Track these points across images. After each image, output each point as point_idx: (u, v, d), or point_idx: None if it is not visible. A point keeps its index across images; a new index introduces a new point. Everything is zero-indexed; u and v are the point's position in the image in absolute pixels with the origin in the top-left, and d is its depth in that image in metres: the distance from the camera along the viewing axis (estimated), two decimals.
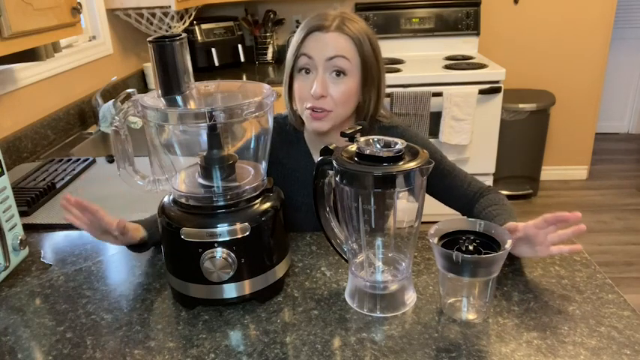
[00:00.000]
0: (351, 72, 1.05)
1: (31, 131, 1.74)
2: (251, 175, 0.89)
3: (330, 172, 0.85)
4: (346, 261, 0.91)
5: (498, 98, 2.65)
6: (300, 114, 1.12)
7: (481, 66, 2.71)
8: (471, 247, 0.80)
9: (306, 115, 1.08)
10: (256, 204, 0.85)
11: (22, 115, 1.74)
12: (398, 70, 2.71)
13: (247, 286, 0.84)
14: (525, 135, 3.03)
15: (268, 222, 0.84)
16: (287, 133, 1.19)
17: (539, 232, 0.86)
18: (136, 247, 0.98)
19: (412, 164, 0.75)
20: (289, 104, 1.14)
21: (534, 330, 0.78)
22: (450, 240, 0.82)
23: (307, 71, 1.05)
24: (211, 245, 0.80)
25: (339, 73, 1.04)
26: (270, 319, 0.83)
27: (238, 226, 0.81)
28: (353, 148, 0.81)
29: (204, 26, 2.91)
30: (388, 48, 3.02)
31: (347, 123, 1.11)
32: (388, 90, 1.04)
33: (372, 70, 1.07)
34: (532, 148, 3.12)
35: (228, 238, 0.81)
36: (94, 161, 1.58)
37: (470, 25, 3.07)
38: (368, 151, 0.78)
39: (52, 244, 1.11)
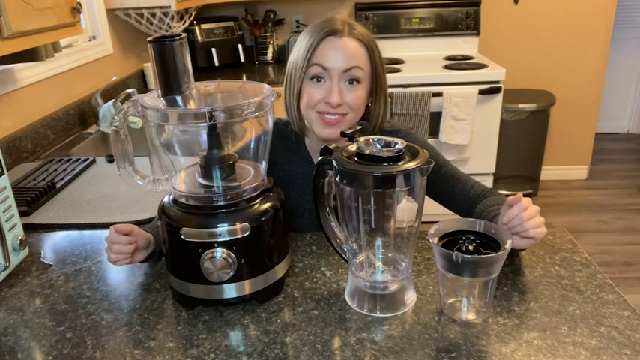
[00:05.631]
0: (364, 80, 1.05)
1: (31, 131, 1.74)
2: (251, 175, 0.89)
3: (330, 172, 0.85)
4: (346, 261, 0.91)
5: (498, 98, 2.65)
6: (306, 119, 1.09)
7: (481, 66, 2.71)
8: (471, 247, 0.80)
9: (316, 120, 1.06)
10: (256, 204, 0.85)
11: (22, 115, 1.74)
12: (398, 70, 2.71)
13: (247, 286, 0.84)
14: (525, 135, 3.03)
15: (268, 222, 0.84)
16: (288, 140, 1.18)
17: (508, 225, 0.89)
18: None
19: (412, 164, 0.75)
20: (296, 109, 1.09)
21: (534, 330, 0.78)
22: (450, 240, 0.82)
23: (319, 79, 1.04)
24: (211, 245, 0.80)
25: (353, 81, 1.03)
26: (270, 319, 0.83)
27: (238, 226, 0.81)
28: (353, 148, 0.81)
29: (204, 26, 2.91)
30: (388, 48, 3.02)
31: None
32: (388, 90, 1.04)
33: (380, 77, 1.08)
34: (532, 148, 3.12)
35: (228, 238, 0.81)
36: (94, 161, 1.58)
37: (470, 25, 3.07)
38: (368, 151, 0.78)
39: (52, 244, 1.11)
